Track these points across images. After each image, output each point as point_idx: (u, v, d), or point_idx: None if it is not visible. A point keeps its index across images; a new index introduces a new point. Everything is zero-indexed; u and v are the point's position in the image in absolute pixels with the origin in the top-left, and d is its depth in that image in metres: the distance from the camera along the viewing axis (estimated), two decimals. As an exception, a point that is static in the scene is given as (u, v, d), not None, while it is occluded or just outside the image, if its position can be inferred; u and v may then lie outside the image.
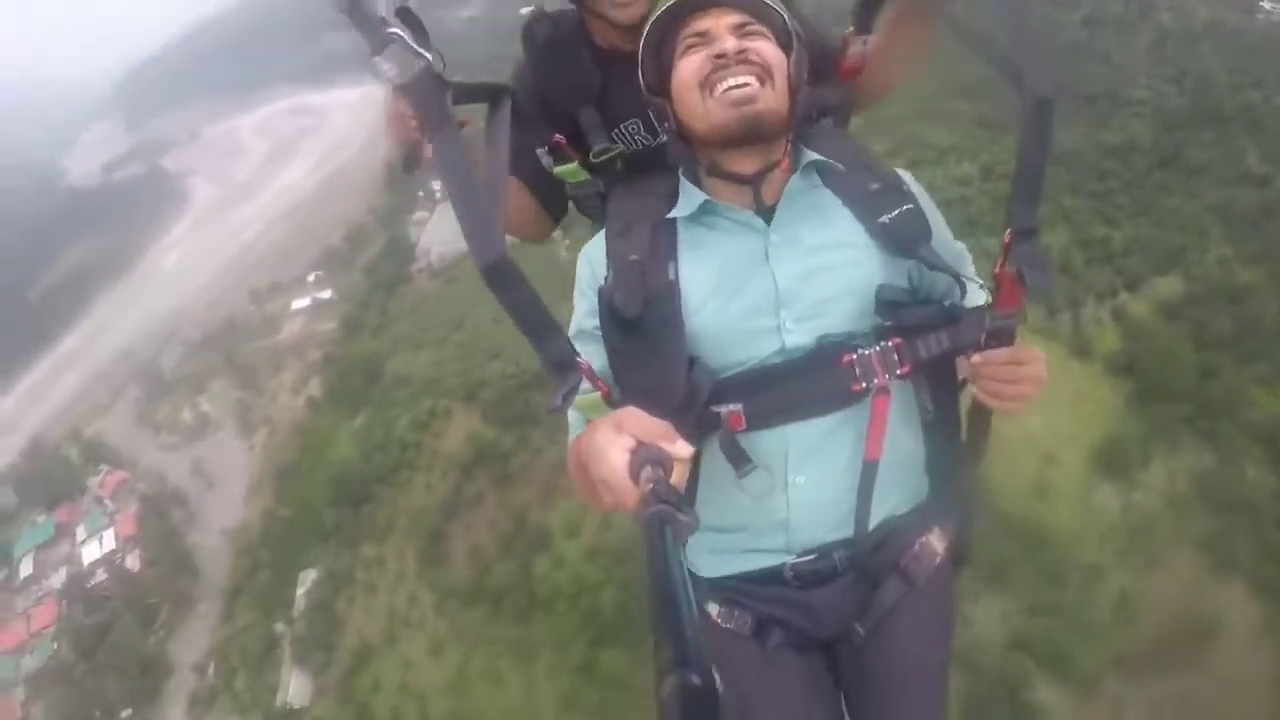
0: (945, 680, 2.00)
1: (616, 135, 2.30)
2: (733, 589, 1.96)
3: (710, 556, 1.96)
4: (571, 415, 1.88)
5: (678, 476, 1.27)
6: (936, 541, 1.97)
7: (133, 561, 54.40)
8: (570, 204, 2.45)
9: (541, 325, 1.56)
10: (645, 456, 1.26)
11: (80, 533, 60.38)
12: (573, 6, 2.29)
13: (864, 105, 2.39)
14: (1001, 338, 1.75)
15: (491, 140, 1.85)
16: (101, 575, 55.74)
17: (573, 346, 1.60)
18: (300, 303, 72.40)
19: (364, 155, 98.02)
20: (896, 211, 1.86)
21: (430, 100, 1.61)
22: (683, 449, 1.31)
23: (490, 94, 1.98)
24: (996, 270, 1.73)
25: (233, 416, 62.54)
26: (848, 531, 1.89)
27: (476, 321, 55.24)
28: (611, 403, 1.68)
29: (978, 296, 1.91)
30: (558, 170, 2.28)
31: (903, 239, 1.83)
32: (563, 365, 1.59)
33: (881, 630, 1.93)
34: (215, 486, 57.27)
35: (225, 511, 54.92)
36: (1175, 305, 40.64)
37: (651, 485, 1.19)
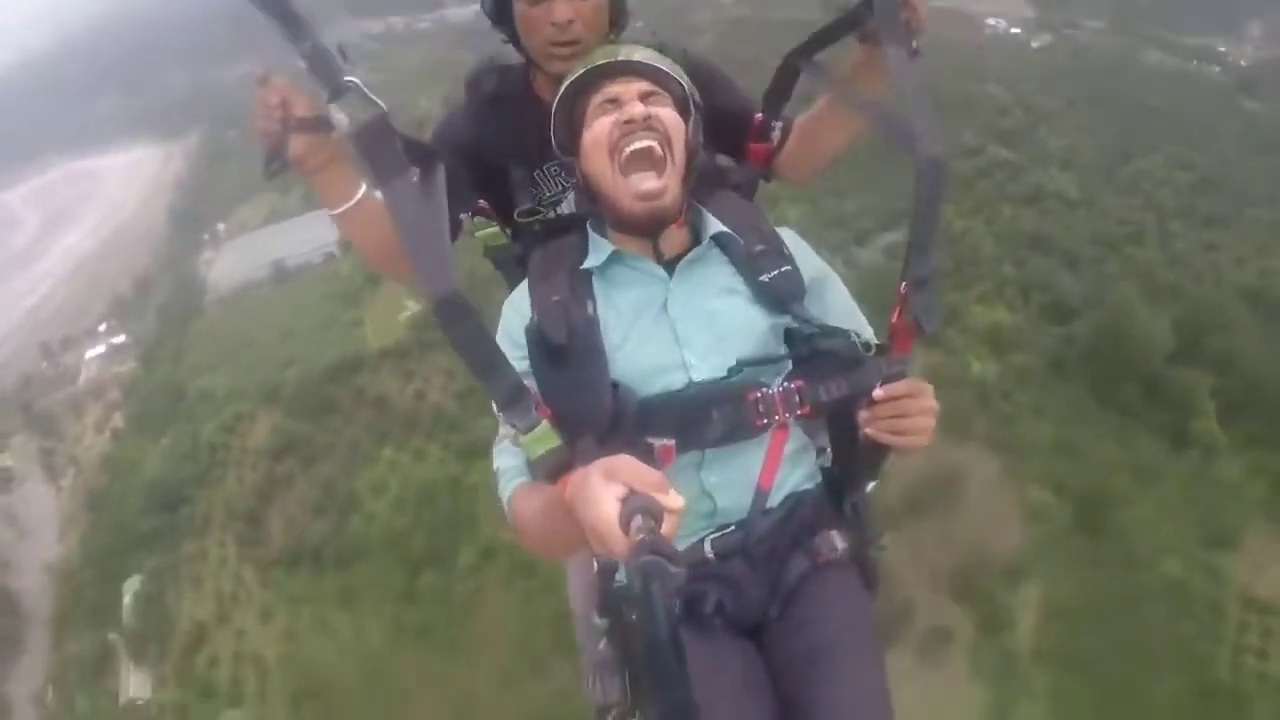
0: (872, 644, 2.03)
1: (538, 177, 2.42)
2: None
3: None
4: (504, 462, 1.96)
5: (669, 527, 1.26)
6: (838, 540, 2.08)
7: (-51, 616, 52.63)
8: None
9: (490, 360, 1.64)
10: (636, 505, 1.25)
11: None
12: (520, 60, 2.41)
13: (793, 180, 2.62)
14: (895, 381, 1.90)
15: (429, 198, 1.85)
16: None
17: (519, 377, 1.69)
18: (95, 350, 71.99)
19: (145, 210, 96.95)
20: (775, 272, 2.06)
21: (382, 148, 1.67)
22: (674, 500, 1.30)
23: (424, 156, 1.99)
24: (894, 319, 1.93)
25: (38, 465, 62.05)
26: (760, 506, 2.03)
27: (268, 338, 58.12)
28: (559, 428, 1.71)
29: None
30: (479, 234, 2.37)
31: (778, 297, 2.03)
32: (514, 396, 1.67)
33: (794, 605, 2.03)
34: (28, 535, 56.78)
35: (42, 553, 54.77)
36: (898, 249, 49.30)
37: (642, 536, 1.19)
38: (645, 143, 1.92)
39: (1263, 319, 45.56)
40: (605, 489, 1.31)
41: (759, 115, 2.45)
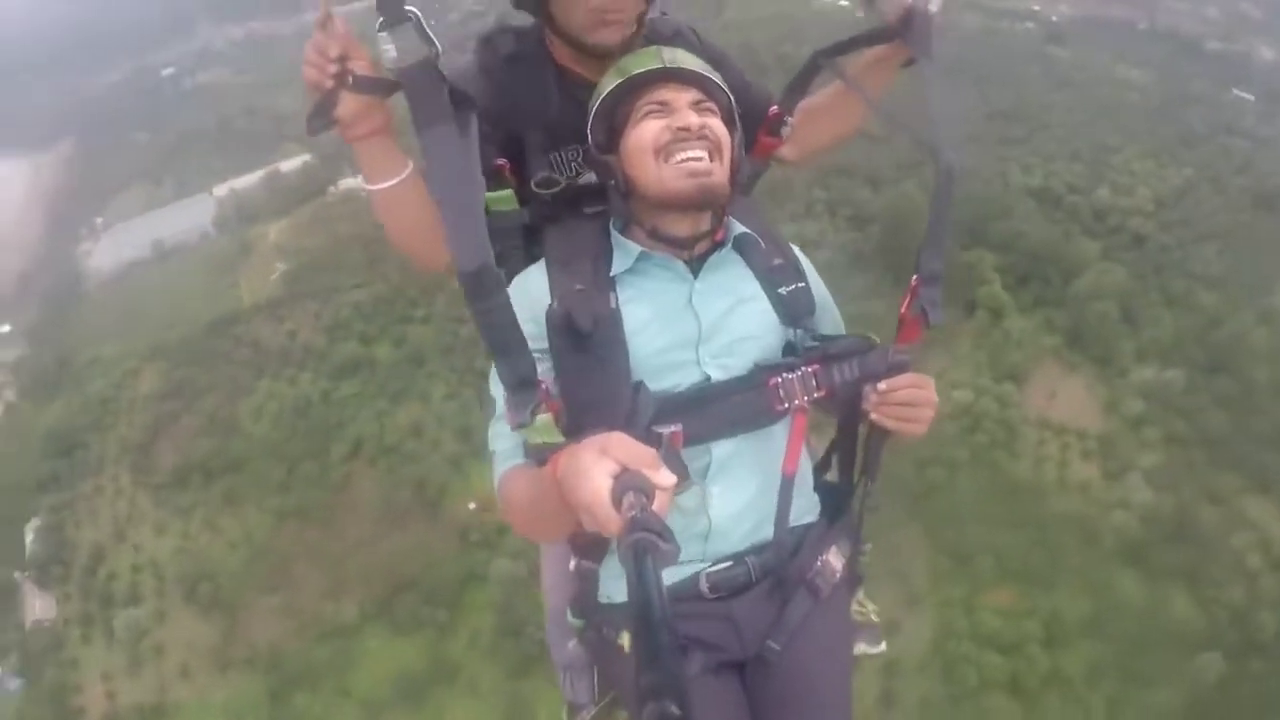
0: (850, 696, 2.09)
1: (554, 160, 2.30)
2: None
3: (623, 581, 1.68)
4: (500, 445, 1.93)
5: (660, 505, 1.24)
6: (835, 560, 2.12)
7: None
8: None
9: (510, 340, 1.60)
10: (629, 483, 1.24)
11: None
12: (534, 21, 2.28)
13: (785, 164, 2.66)
14: (902, 369, 1.99)
15: (466, 152, 1.70)
16: None
17: (534, 365, 1.64)
18: None
19: (20, 219, 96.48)
20: (793, 286, 2.12)
21: (428, 93, 1.59)
22: (666, 477, 1.29)
23: (462, 102, 1.77)
24: (902, 310, 2.03)
25: None
26: (758, 537, 2.03)
27: (151, 307, 62.17)
28: (560, 423, 1.69)
29: None
30: (490, 197, 2.13)
31: (794, 311, 2.09)
32: (524, 382, 1.63)
33: (793, 647, 2.02)
34: None
35: None
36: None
37: (634, 513, 1.18)
38: (698, 152, 1.93)
39: (1046, 208, 54.07)
40: (597, 466, 1.31)
41: (774, 108, 2.46)
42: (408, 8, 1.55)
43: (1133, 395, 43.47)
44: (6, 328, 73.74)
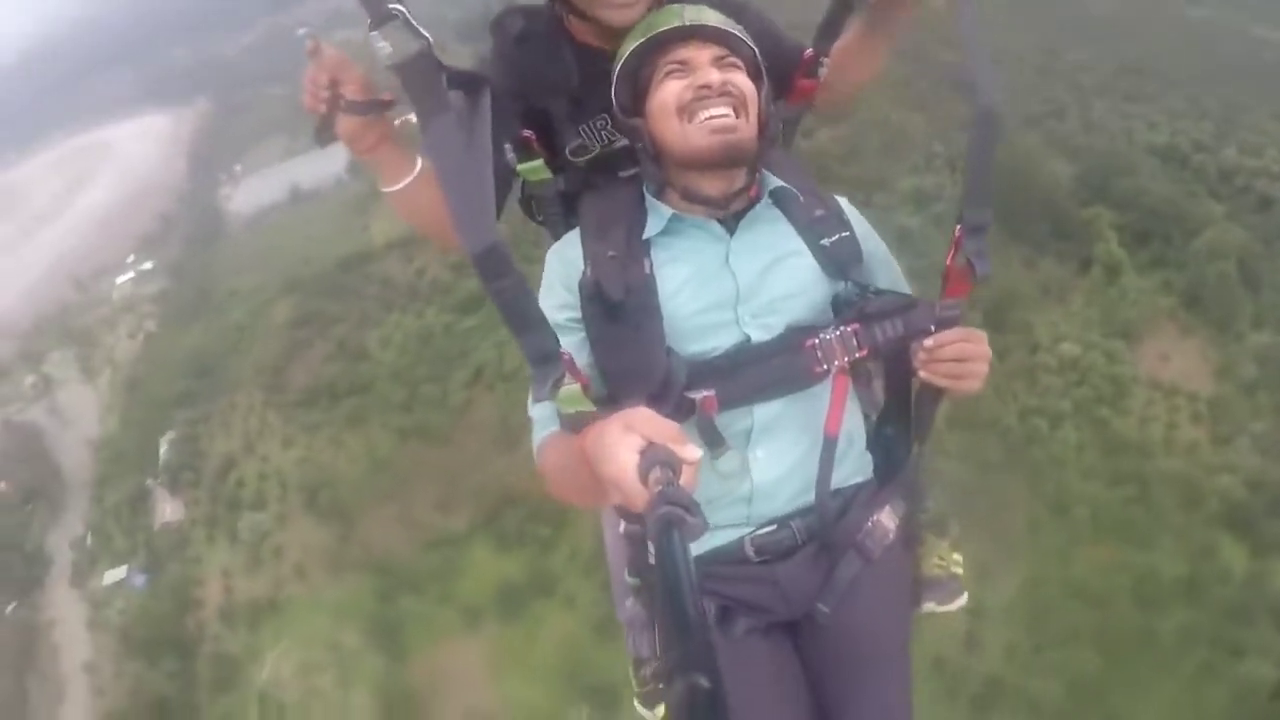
0: (908, 655, 2.08)
1: (584, 131, 2.29)
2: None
3: None
4: (538, 413, 1.94)
5: (687, 479, 1.27)
6: (888, 520, 2.08)
7: (-1, 486, 57.39)
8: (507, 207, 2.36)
9: (528, 316, 1.58)
10: (654, 458, 1.26)
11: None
12: (545, 2, 2.29)
13: (827, 109, 2.57)
14: (950, 324, 1.91)
15: (471, 131, 1.78)
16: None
17: (556, 339, 1.61)
18: (124, 276, 77.67)
19: (163, 166, 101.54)
20: (836, 237, 2.07)
21: (425, 83, 1.61)
22: (692, 452, 1.31)
23: (470, 83, 1.90)
24: (948, 262, 1.90)
25: (76, 369, 67.27)
26: (804, 500, 2.00)
27: (287, 245, 65.69)
28: (590, 395, 1.66)
29: None
30: (521, 168, 2.26)
31: (839, 261, 2.04)
32: (546, 357, 1.61)
33: (843, 608, 2.00)
34: (70, 424, 61.85)
35: (84, 434, 60.21)
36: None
37: (660, 487, 1.20)
38: (721, 109, 1.92)
39: (1171, 167, 51.65)
40: (623, 441, 1.33)
41: (809, 51, 2.38)
42: (391, 5, 1.60)
43: (1248, 359, 41.24)
44: (149, 264, 78.45)
